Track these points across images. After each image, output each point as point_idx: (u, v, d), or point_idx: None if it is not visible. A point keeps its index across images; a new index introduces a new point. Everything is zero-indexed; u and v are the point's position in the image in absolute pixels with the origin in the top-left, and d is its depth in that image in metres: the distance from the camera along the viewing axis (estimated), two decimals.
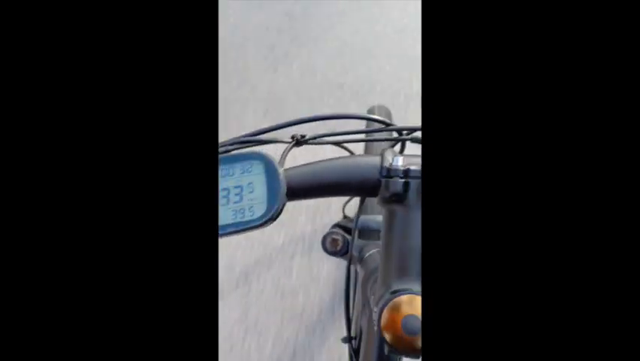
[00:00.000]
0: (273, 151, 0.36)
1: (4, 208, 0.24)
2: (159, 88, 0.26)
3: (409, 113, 1.44)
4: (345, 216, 0.89)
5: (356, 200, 0.95)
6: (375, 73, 1.58)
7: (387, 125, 0.45)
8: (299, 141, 0.41)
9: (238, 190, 0.33)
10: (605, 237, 0.23)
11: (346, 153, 0.55)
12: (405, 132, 0.43)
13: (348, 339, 0.55)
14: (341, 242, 0.73)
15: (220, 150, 0.38)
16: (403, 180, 0.34)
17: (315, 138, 0.42)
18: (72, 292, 0.24)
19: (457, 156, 0.24)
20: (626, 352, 0.22)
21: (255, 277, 1.16)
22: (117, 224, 0.25)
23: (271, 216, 0.32)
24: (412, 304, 0.33)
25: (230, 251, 1.19)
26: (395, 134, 0.45)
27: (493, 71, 0.24)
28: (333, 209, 1.17)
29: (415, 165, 0.34)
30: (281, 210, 0.33)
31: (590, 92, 0.23)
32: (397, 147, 0.46)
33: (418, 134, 0.42)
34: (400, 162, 0.34)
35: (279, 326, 1.08)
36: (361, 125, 1.01)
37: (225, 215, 0.32)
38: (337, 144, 0.46)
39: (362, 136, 0.76)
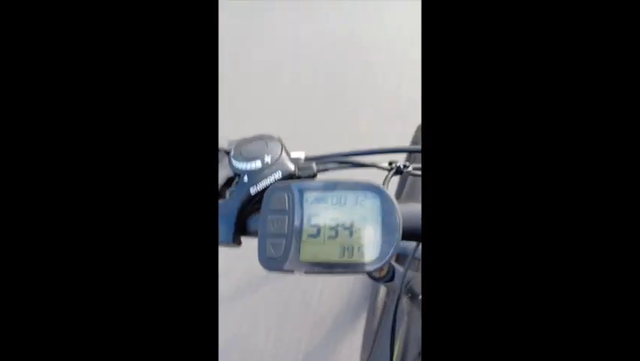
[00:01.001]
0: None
1: (3, 209, 0.23)
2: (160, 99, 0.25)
3: None
4: None
5: None
6: None
7: None
8: (399, 170, 0.37)
9: (350, 224, 0.28)
10: (609, 255, 0.22)
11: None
12: None
13: None
14: (386, 268, 0.69)
15: (318, 167, 0.34)
16: None
17: (415, 168, 0.37)
18: (81, 296, 0.24)
19: (458, 158, 0.24)
20: (626, 352, 0.21)
21: None
22: (118, 234, 0.24)
23: (383, 263, 0.27)
24: None
25: None
26: None
27: (493, 72, 0.24)
28: None
29: None
30: (391, 258, 0.28)
31: (590, 93, 0.23)
32: None
33: None
34: None
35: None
36: None
37: (332, 251, 0.28)
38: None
39: None
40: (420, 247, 0.59)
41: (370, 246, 0.28)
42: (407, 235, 0.29)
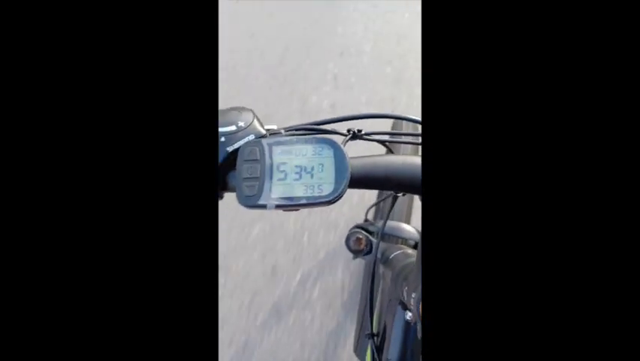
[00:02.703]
0: None
1: (4, 208, 0.24)
2: (161, 80, 0.26)
3: None
4: (366, 220, 0.91)
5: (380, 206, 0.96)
6: None
7: None
8: (355, 135, 0.44)
9: (310, 169, 0.35)
10: (606, 243, 0.22)
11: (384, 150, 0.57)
12: None
13: (371, 335, 0.57)
14: (364, 242, 0.76)
15: (286, 133, 0.41)
16: None
17: (369, 134, 0.44)
18: (78, 286, 0.24)
19: (457, 156, 0.25)
20: (626, 352, 0.22)
21: None
22: (119, 215, 0.25)
23: (337, 195, 0.34)
24: None
25: None
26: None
27: (493, 71, 0.24)
28: None
29: None
30: (344, 192, 0.35)
31: (590, 92, 0.23)
32: None
33: None
34: None
35: None
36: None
37: (297, 189, 0.35)
38: (384, 142, 0.48)
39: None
40: (386, 222, 0.66)
41: (327, 184, 0.35)
42: (354, 182, 0.36)
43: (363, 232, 0.78)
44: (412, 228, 0.78)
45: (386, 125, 1.00)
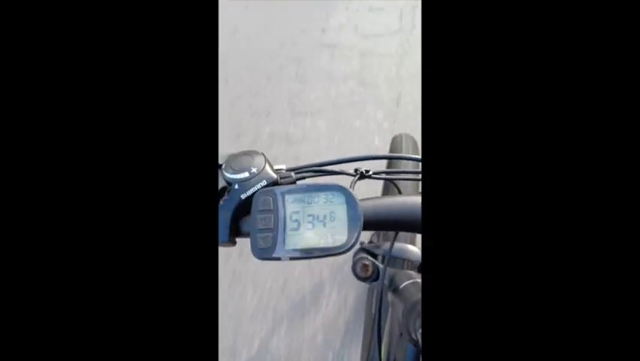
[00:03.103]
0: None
1: (4, 209, 0.24)
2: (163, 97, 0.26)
3: None
4: (371, 241, 0.91)
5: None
6: None
7: None
8: (363, 175, 0.44)
9: (323, 217, 0.35)
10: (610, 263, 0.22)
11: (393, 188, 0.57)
12: None
13: None
14: (371, 268, 0.75)
15: (296, 176, 0.41)
16: None
17: (376, 173, 0.45)
18: (84, 291, 0.25)
19: (458, 161, 0.24)
20: (625, 352, 0.22)
21: None
22: (122, 235, 0.25)
23: (351, 245, 0.34)
24: None
25: None
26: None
27: (493, 73, 0.24)
28: None
29: None
30: (357, 241, 0.35)
31: (591, 95, 0.23)
32: None
33: None
34: None
35: None
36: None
37: (311, 240, 0.35)
38: (392, 180, 0.49)
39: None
40: (394, 245, 0.66)
41: (340, 233, 0.35)
42: (368, 225, 0.36)
43: (369, 257, 0.77)
44: (417, 249, 0.78)
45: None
